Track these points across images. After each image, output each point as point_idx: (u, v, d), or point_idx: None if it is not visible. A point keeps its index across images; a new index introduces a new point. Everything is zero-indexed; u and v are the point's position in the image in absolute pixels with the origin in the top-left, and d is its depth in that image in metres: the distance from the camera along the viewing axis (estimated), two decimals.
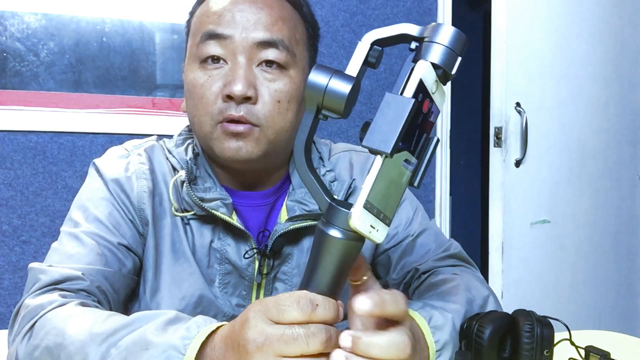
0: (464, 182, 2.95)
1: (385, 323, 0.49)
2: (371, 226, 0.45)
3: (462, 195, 2.91)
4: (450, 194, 2.06)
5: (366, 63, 0.50)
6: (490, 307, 0.69)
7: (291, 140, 0.79)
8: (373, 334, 0.47)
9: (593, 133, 2.08)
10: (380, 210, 0.46)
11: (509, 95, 1.88)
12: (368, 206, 0.44)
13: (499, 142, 1.91)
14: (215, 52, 0.73)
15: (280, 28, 0.74)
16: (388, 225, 0.47)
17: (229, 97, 0.71)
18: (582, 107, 2.04)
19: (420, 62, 0.46)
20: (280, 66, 0.74)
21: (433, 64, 0.46)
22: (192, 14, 0.80)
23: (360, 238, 0.47)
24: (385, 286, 0.87)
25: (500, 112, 1.89)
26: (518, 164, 1.91)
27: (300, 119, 0.78)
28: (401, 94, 0.45)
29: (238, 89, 0.70)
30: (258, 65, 0.73)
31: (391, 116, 0.43)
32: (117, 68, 1.63)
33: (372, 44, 0.50)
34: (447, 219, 2.02)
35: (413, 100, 0.43)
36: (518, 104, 1.89)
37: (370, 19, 1.87)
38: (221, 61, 0.73)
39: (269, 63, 0.73)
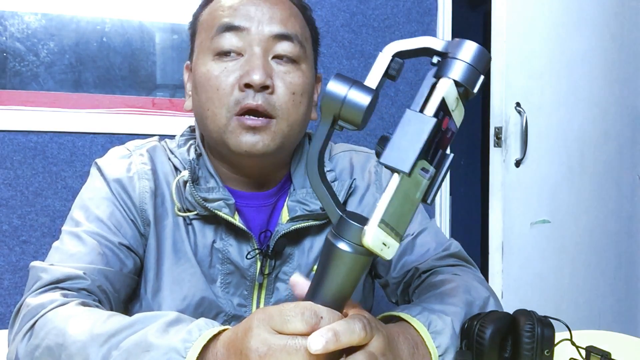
0: (464, 182, 2.95)
1: None
2: (383, 243, 0.45)
3: (462, 195, 2.91)
4: (450, 194, 2.06)
5: (386, 75, 0.49)
6: (490, 308, 0.69)
7: (300, 136, 0.80)
8: None
9: (593, 133, 2.08)
10: (393, 227, 0.45)
11: (509, 95, 1.88)
12: (382, 225, 0.44)
13: (499, 142, 1.91)
14: (231, 43, 0.74)
15: (293, 23, 0.76)
16: (399, 241, 0.46)
17: (247, 86, 0.72)
18: (582, 107, 2.04)
19: (444, 80, 0.44)
20: (294, 60, 0.75)
21: (455, 82, 0.45)
22: (197, 15, 0.81)
23: (369, 253, 0.46)
24: (385, 285, 0.88)
25: (500, 112, 1.89)
26: (518, 164, 1.91)
27: (309, 114, 0.79)
28: (421, 110, 0.44)
29: (257, 77, 0.71)
30: (273, 58, 0.74)
31: (411, 134, 0.42)
32: (117, 68, 1.63)
33: (394, 56, 0.48)
34: (447, 219, 2.02)
35: (435, 120, 0.42)
36: (518, 104, 1.89)
37: (370, 19, 1.87)
38: (235, 54, 0.74)
39: (283, 56, 0.75)
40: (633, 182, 2.21)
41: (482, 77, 0.45)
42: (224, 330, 0.53)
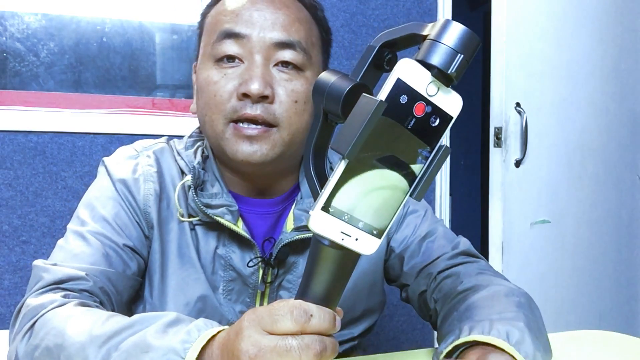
0: (464, 182, 2.95)
1: None
2: (342, 233, 0.42)
3: (462, 195, 2.91)
4: (450, 194, 2.06)
5: (375, 66, 0.47)
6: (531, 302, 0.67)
7: (304, 143, 0.79)
8: None
9: (593, 133, 2.07)
10: (357, 218, 0.43)
11: (509, 95, 1.88)
12: (332, 210, 0.42)
13: (499, 142, 1.91)
14: (231, 50, 0.72)
15: (297, 29, 0.74)
16: (378, 237, 0.44)
17: (245, 96, 0.70)
18: (582, 107, 2.04)
19: (401, 61, 0.42)
20: (297, 67, 0.73)
21: (423, 63, 0.42)
22: (205, 14, 0.79)
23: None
24: (404, 286, 0.86)
25: (500, 112, 1.89)
26: (518, 164, 1.91)
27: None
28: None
29: (255, 87, 0.69)
30: (275, 65, 0.73)
31: (358, 118, 0.41)
32: (117, 68, 1.63)
33: (382, 46, 0.47)
34: (447, 219, 2.02)
35: (379, 101, 0.40)
36: (518, 104, 1.89)
37: (370, 19, 1.87)
38: (237, 60, 0.72)
39: (285, 63, 0.73)
40: (633, 183, 2.20)
41: (460, 57, 0.41)
42: (222, 331, 0.53)
